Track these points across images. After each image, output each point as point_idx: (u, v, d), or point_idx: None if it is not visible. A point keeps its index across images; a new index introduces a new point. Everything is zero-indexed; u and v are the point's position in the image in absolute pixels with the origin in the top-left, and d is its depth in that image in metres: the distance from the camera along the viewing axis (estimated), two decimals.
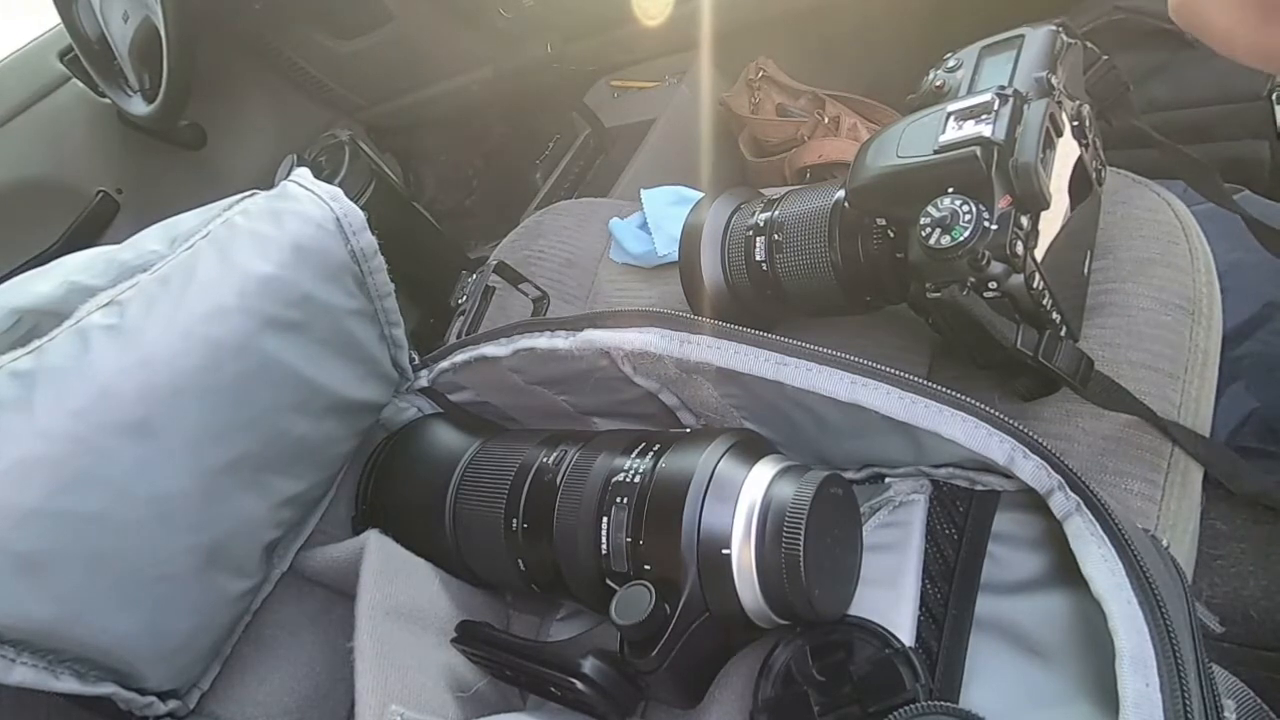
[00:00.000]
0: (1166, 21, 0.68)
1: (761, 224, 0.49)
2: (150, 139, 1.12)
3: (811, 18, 0.95)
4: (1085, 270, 0.45)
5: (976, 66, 0.43)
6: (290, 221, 0.43)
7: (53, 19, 1.04)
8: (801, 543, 0.30)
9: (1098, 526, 0.31)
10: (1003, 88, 0.39)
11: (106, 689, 0.37)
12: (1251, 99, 0.70)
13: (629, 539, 0.34)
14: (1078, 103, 0.43)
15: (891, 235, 0.42)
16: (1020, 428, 0.32)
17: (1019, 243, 0.36)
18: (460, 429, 0.49)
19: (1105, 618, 0.28)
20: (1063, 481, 0.32)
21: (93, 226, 1.10)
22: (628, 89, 1.13)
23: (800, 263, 0.47)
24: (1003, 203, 0.37)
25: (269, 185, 0.47)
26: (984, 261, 0.36)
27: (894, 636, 0.31)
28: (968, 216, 0.36)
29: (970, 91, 0.41)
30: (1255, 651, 0.61)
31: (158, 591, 0.37)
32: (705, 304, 0.51)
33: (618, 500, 0.35)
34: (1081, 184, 0.42)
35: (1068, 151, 0.40)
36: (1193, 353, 0.43)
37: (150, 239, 0.42)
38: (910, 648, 0.31)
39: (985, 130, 0.37)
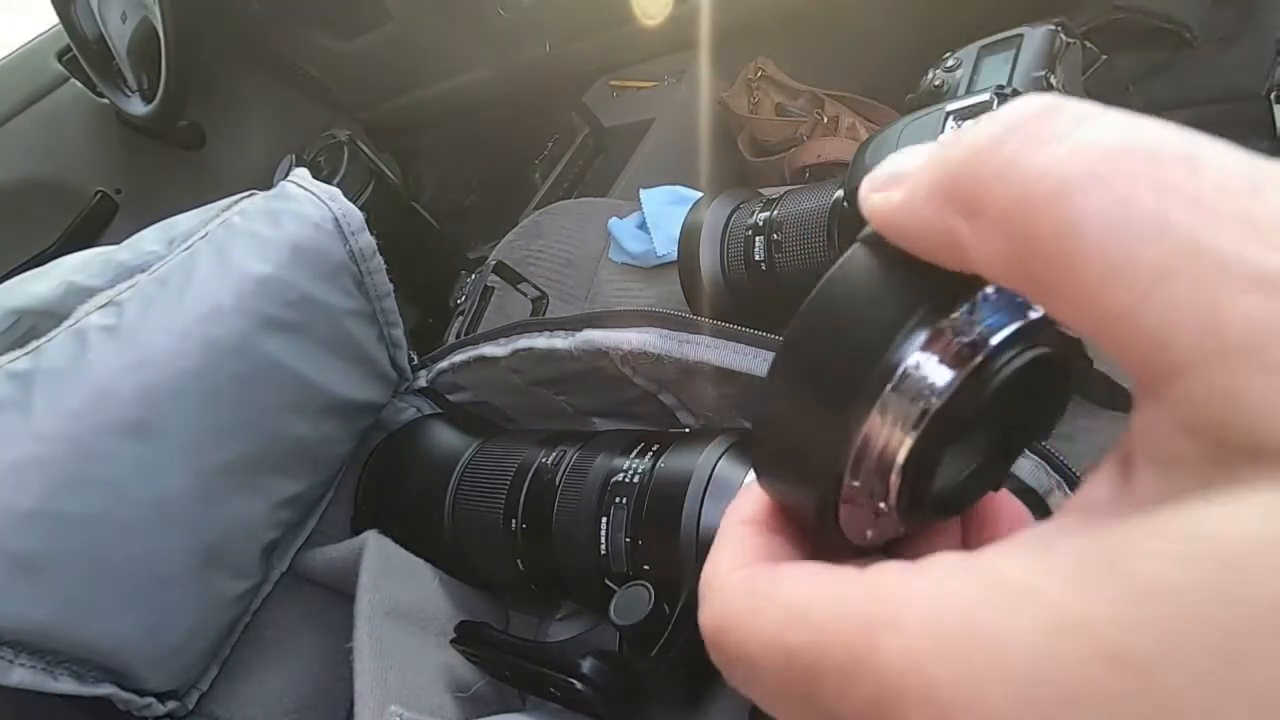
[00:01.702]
0: (1166, 21, 0.69)
1: (761, 223, 0.49)
2: (149, 139, 1.12)
3: (811, 18, 0.95)
4: None
5: (975, 66, 0.42)
6: (288, 222, 0.43)
7: (51, 19, 1.04)
8: None
9: None
10: (1001, 87, 0.39)
11: (105, 690, 0.37)
12: (1251, 99, 0.70)
13: (628, 539, 0.34)
14: None
15: None
16: None
17: None
18: (459, 429, 0.49)
19: None
20: (1061, 481, 0.32)
21: (91, 227, 1.10)
22: (627, 89, 1.13)
23: (799, 262, 0.47)
24: None
25: (268, 185, 0.47)
26: None
27: None
28: None
29: (969, 91, 0.41)
30: None
31: (156, 592, 0.37)
32: (704, 303, 0.51)
33: (617, 500, 0.35)
34: None
35: None
36: None
37: (148, 239, 0.42)
38: None
39: None
